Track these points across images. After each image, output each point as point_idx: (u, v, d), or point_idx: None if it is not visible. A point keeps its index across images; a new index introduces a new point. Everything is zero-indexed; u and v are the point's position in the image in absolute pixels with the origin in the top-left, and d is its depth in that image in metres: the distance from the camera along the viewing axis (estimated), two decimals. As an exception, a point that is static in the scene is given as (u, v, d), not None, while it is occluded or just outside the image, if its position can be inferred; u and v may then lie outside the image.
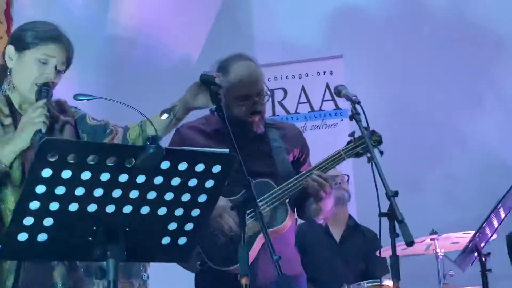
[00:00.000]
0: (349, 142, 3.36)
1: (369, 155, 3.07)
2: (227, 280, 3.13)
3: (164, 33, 6.21)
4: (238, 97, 3.36)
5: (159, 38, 6.20)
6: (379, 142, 3.34)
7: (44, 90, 2.76)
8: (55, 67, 2.82)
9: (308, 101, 6.13)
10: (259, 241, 3.27)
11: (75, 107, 3.01)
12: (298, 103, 6.19)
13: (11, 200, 2.70)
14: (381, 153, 3.25)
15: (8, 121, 2.80)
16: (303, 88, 6.14)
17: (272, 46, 6.43)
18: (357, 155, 3.35)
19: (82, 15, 5.84)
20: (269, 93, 3.82)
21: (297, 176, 3.34)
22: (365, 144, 3.22)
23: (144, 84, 5.74)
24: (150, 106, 3.75)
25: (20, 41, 2.86)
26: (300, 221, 3.81)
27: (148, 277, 2.80)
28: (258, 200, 3.14)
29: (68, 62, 2.89)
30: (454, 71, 5.96)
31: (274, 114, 6.21)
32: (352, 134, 3.32)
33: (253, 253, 3.24)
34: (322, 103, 6.05)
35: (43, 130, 2.65)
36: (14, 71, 2.86)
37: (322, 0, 6.39)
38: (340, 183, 5.23)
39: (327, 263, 5.13)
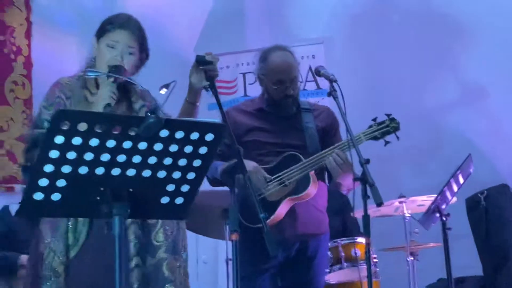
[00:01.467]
0: (370, 126, 3.38)
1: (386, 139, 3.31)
2: (253, 234, 3.16)
3: (166, 19, 6.18)
4: (273, 82, 3.50)
5: (161, 24, 6.16)
6: (397, 128, 3.36)
7: (113, 70, 2.80)
8: (122, 50, 2.85)
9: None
10: (284, 205, 3.40)
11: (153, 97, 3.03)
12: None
13: None
14: (397, 138, 3.34)
15: (92, 99, 2.83)
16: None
17: (261, 32, 6.39)
18: (375, 138, 3.37)
19: (93, 4, 5.79)
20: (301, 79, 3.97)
21: (320, 152, 3.40)
22: (384, 129, 3.34)
23: (149, 67, 5.71)
24: (155, 86, 3.78)
25: (98, 31, 2.93)
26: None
27: (187, 256, 2.82)
28: (286, 170, 3.41)
29: (139, 46, 2.92)
30: (421, 55, 5.96)
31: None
32: (374, 119, 3.37)
33: (279, 214, 3.40)
34: (305, 83, 6.03)
35: (112, 104, 2.74)
36: (96, 57, 2.91)
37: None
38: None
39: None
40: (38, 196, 2.11)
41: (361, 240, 4.44)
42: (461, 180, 4.11)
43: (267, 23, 6.45)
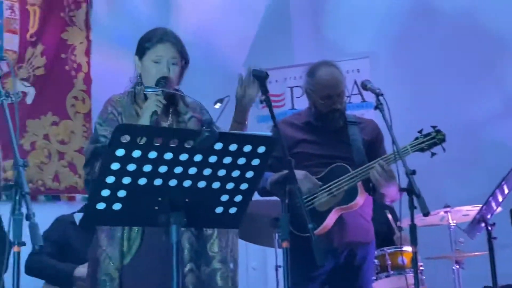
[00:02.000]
0: (416, 138, 3.35)
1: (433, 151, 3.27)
2: (303, 243, 3.11)
3: (217, 36, 6.22)
4: (321, 96, 3.49)
5: (213, 41, 6.21)
6: (443, 140, 3.33)
7: (161, 82, 2.84)
8: (168, 62, 2.89)
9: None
10: (333, 215, 3.39)
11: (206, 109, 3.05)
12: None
13: None
14: (444, 149, 3.29)
15: (141, 112, 2.86)
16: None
17: (308, 47, 6.39)
18: (422, 150, 3.34)
19: (148, 22, 5.85)
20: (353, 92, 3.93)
21: (367, 164, 3.39)
22: (431, 141, 3.30)
23: (200, 82, 5.74)
24: (205, 99, 3.79)
25: (139, 50, 2.97)
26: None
27: (235, 266, 2.86)
28: (335, 181, 3.39)
29: (181, 56, 2.95)
30: (464, 69, 5.87)
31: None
32: (420, 131, 3.33)
33: (328, 223, 3.38)
34: (350, 96, 6.00)
35: (158, 112, 2.77)
36: (142, 75, 2.95)
37: (354, 5, 6.31)
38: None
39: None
40: (101, 205, 2.15)
41: (407, 248, 4.39)
42: (506, 190, 4.03)
43: (313, 38, 6.45)
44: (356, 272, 3.50)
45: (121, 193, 2.14)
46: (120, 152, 2.06)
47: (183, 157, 2.13)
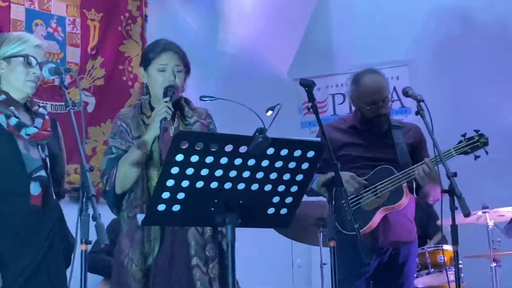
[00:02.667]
0: (460, 142, 3.31)
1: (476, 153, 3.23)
2: (349, 241, 3.11)
3: (262, 48, 6.24)
4: (366, 102, 3.47)
5: (258, 53, 6.23)
6: (486, 143, 3.29)
7: (169, 90, 2.83)
8: (173, 70, 2.88)
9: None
10: (379, 214, 3.38)
11: (211, 119, 3.04)
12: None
13: (155, 178, 2.76)
14: (486, 152, 3.25)
15: (149, 121, 2.87)
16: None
17: (348, 56, 6.37)
18: (465, 153, 3.30)
19: (198, 35, 5.92)
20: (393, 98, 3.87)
21: (412, 166, 3.36)
22: (474, 144, 3.26)
23: (247, 91, 5.76)
24: (252, 107, 3.82)
25: (144, 62, 2.96)
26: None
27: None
28: (380, 182, 3.38)
29: (184, 63, 2.93)
30: (500, 74, 5.79)
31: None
32: (463, 135, 3.30)
33: (374, 223, 3.36)
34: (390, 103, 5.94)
35: (168, 118, 2.75)
36: (148, 84, 2.95)
37: (391, 16, 6.26)
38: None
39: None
40: (161, 207, 2.18)
41: (446, 247, 4.36)
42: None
43: (353, 47, 6.42)
44: (399, 270, 3.48)
45: (180, 196, 2.16)
46: (179, 157, 2.09)
47: (238, 161, 2.15)
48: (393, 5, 6.28)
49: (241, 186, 2.20)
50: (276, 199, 2.29)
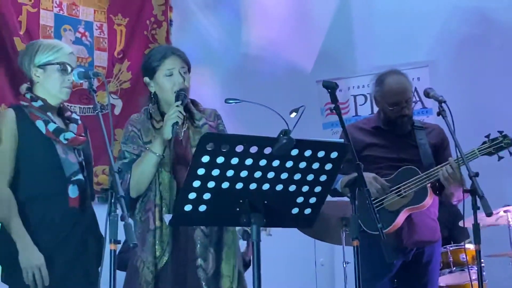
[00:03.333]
0: (484, 143, 3.27)
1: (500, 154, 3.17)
2: (373, 240, 3.06)
3: (284, 50, 6.23)
4: (390, 103, 3.45)
5: (281, 54, 6.22)
6: (510, 144, 3.23)
7: (180, 94, 2.84)
8: (179, 72, 2.89)
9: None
10: (403, 214, 3.35)
11: (221, 120, 3.05)
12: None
13: (167, 181, 2.80)
14: (510, 153, 3.21)
15: (159, 125, 2.90)
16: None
17: (369, 58, 6.34)
18: (489, 153, 3.25)
19: (221, 38, 5.93)
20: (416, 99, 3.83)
21: (437, 166, 3.33)
22: (498, 145, 3.21)
23: (270, 93, 5.75)
24: (276, 108, 3.80)
25: (148, 71, 2.96)
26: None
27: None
28: (404, 183, 3.35)
29: (187, 64, 2.95)
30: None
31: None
32: (487, 136, 3.27)
33: (398, 222, 3.34)
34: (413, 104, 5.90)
35: (179, 123, 2.77)
36: (157, 92, 2.96)
37: (412, 17, 6.22)
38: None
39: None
40: (188, 207, 2.18)
41: (468, 246, 4.32)
42: None
43: (374, 49, 6.39)
44: (423, 269, 3.45)
45: (206, 196, 2.17)
46: (205, 159, 2.09)
47: (262, 162, 2.15)
48: (414, 6, 6.24)
49: (265, 186, 2.21)
50: (300, 199, 2.29)
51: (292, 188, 2.24)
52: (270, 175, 2.18)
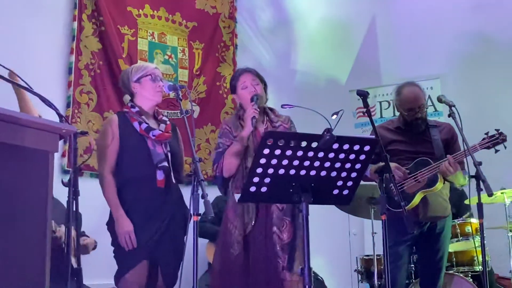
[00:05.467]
0: (483, 139, 3.20)
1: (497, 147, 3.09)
2: (396, 216, 3.04)
3: (325, 66, 6.20)
4: (405, 109, 3.41)
5: (322, 69, 6.19)
6: (505, 139, 3.16)
7: (253, 97, 2.97)
8: (251, 84, 3.01)
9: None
10: (418, 196, 3.30)
11: (293, 124, 3.12)
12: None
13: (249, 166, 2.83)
14: (505, 147, 3.14)
15: (243, 123, 3.00)
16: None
17: (391, 71, 6.23)
18: (488, 147, 3.17)
19: (275, 58, 5.96)
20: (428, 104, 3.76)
21: (444, 158, 3.26)
22: (495, 140, 3.13)
23: (314, 100, 5.65)
24: (315, 113, 3.77)
25: (232, 89, 3.13)
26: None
27: None
28: (420, 171, 3.29)
29: (258, 78, 3.06)
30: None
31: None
32: (486, 133, 3.19)
33: (415, 202, 3.29)
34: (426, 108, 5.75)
35: (256, 117, 2.89)
36: (240, 102, 3.08)
37: (427, 38, 6.07)
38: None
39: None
40: (252, 188, 2.19)
41: (472, 220, 4.22)
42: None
43: (396, 64, 6.26)
44: (436, 238, 3.39)
45: (267, 180, 2.17)
46: (266, 151, 2.10)
47: (310, 154, 2.15)
48: (428, 29, 6.10)
49: (312, 172, 2.20)
50: (339, 183, 2.27)
51: (333, 174, 2.23)
52: (316, 163, 2.18)
